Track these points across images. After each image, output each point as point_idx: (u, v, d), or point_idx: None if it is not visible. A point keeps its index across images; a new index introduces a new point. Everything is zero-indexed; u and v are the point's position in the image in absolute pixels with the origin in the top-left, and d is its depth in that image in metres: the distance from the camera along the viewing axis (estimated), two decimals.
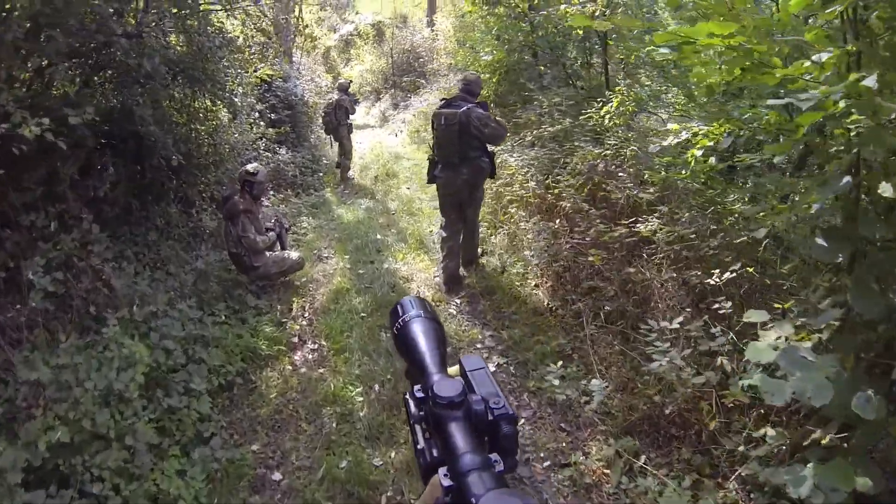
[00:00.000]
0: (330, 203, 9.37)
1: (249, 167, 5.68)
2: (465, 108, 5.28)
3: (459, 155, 5.37)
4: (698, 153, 3.62)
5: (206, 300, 5.09)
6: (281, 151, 9.73)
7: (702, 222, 4.41)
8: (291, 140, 10.84)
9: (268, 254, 5.71)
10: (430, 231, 7.44)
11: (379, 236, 7.52)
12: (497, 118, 5.70)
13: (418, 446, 0.85)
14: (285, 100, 10.97)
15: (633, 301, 4.50)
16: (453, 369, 1.01)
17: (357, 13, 27.29)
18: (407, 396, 0.92)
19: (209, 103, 6.57)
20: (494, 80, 9.52)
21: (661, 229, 4.45)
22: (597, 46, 7.74)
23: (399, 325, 1.04)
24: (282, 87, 11.04)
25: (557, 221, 5.61)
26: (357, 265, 6.70)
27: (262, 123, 9.31)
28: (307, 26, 14.89)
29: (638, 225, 4.61)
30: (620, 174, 5.43)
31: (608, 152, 5.61)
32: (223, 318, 4.95)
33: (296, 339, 5.20)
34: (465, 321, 5.32)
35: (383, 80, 20.93)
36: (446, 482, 0.76)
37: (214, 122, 6.90)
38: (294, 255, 6.14)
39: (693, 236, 4.32)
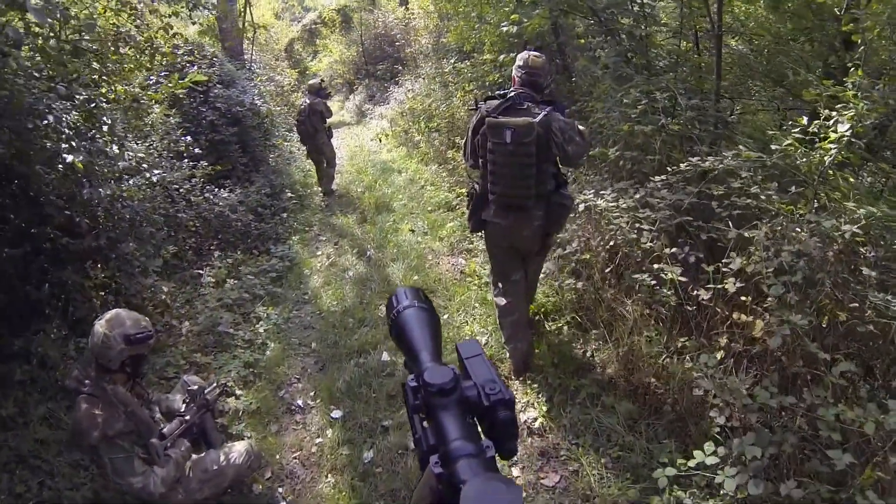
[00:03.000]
0: (300, 265, 6.13)
1: (115, 332, 2.62)
2: (541, 114, 3.26)
3: (535, 190, 3.37)
4: None
5: None
6: (223, 194, 6.42)
7: None
8: (241, 168, 7.58)
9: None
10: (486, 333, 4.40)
11: (386, 354, 4.31)
12: (580, 126, 3.44)
13: (416, 435, 0.80)
14: (228, 113, 7.73)
15: None
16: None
17: None
18: (405, 385, 0.84)
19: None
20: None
21: None
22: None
23: (394, 316, 0.99)
24: (223, 96, 7.77)
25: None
26: (356, 433, 3.61)
27: (186, 157, 6.07)
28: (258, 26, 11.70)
29: None
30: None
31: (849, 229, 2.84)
32: None
33: None
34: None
35: (355, 71, 18.44)
36: (437, 469, 0.73)
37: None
38: (234, 452, 2.99)
39: None
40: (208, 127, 7.33)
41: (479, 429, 0.81)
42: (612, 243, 4.01)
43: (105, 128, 3.92)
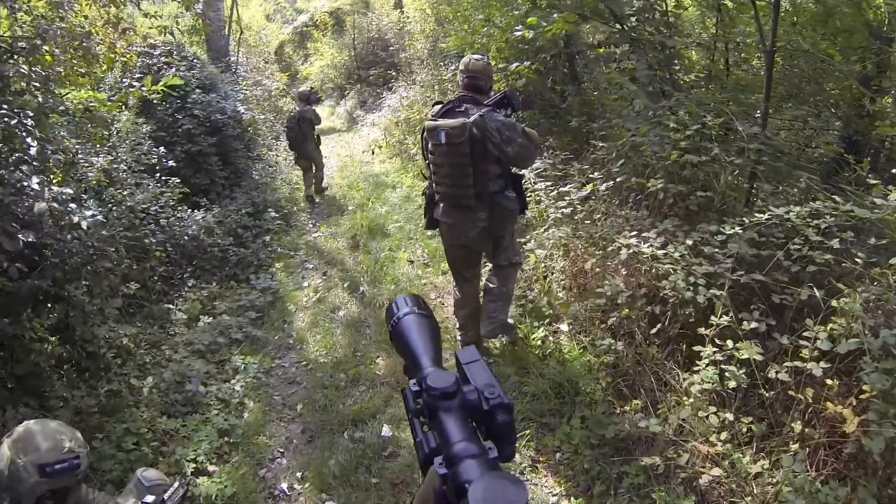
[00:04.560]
0: (284, 300, 5.35)
1: (25, 460, 1.83)
2: (476, 114, 3.28)
3: (474, 190, 3.38)
4: None
5: None
6: (197, 215, 5.63)
7: None
8: (220, 183, 6.79)
9: None
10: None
11: (387, 428, 3.53)
12: (525, 127, 3.38)
13: (417, 438, 0.81)
14: (207, 121, 6.93)
15: None
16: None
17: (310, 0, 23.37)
18: (405, 390, 0.86)
19: None
20: (532, 70, 5.62)
21: None
22: None
23: (394, 323, 0.98)
24: (202, 102, 6.97)
25: None
26: None
27: (158, 171, 5.29)
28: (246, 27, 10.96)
29: None
30: None
31: None
32: None
33: None
34: None
35: (347, 76, 17.57)
36: (441, 470, 0.73)
37: None
38: None
39: None
40: (185, 136, 6.56)
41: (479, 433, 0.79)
42: (658, 298, 3.31)
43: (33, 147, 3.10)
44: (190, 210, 5.66)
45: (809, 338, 2.59)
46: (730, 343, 2.71)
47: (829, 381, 2.52)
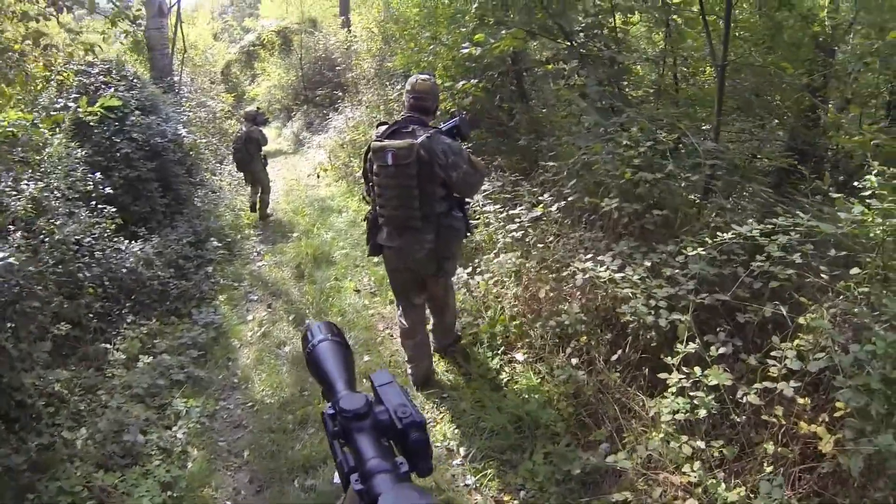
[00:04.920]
0: (228, 335, 5.00)
1: None
2: (423, 136, 3.20)
3: (420, 211, 3.27)
4: None
5: None
6: (135, 246, 5.26)
7: None
8: (161, 211, 6.41)
9: None
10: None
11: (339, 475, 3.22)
12: (472, 156, 3.39)
13: (337, 459, 0.83)
14: (147, 144, 6.56)
15: None
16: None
17: (258, 18, 22.85)
18: (324, 414, 0.89)
19: None
20: (479, 88, 5.47)
21: None
22: None
23: (309, 349, 1.03)
24: (141, 125, 6.61)
25: None
26: None
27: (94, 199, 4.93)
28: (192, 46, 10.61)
29: None
30: None
31: None
32: None
33: None
34: None
35: (294, 96, 17.21)
36: (357, 486, 0.77)
37: None
38: None
39: None
40: (123, 161, 6.16)
41: (395, 450, 0.82)
42: (618, 323, 3.15)
43: None
44: (128, 241, 5.29)
45: (777, 357, 2.49)
46: (697, 370, 2.56)
47: (800, 400, 2.40)
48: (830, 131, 3.36)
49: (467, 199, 3.69)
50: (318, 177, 9.44)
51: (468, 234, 3.65)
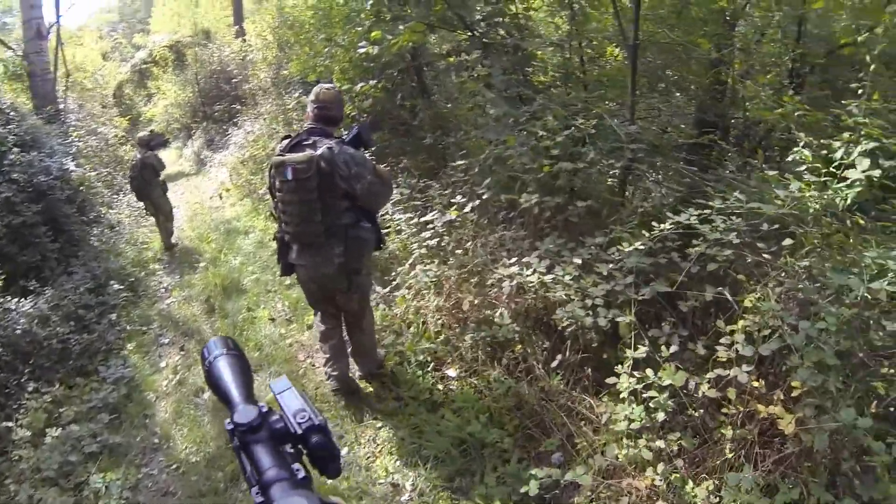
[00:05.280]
0: (141, 389, 4.42)
1: None
2: (323, 147, 3.03)
3: (324, 226, 3.10)
4: None
5: None
6: (25, 306, 4.65)
7: None
8: (53, 258, 5.76)
9: None
10: None
11: None
12: (377, 166, 3.26)
13: (245, 473, 0.83)
14: (30, 185, 5.96)
15: None
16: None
17: (149, 34, 21.54)
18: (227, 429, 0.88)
19: None
20: (379, 89, 5.19)
21: None
22: None
23: (207, 366, 1.01)
24: (22, 163, 6.00)
25: None
26: None
27: None
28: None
29: None
30: None
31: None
32: None
33: None
34: None
35: (192, 114, 16.21)
36: (258, 499, 0.77)
37: None
38: None
39: None
40: (4, 206, 5.52)
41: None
42: (553, 326, 2.93)
43: None
44: (17, 298, 4.69)
45: (726, 343, 2.41)
46: (650, 372, 2.37)
47: (754, 383, 2.34)
48: (747, 103, 3.28)
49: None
50: (221, 198, 8.90)
51: (381, 245, 3.49)
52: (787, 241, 2.50)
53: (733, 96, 4.28)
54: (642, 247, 2.60)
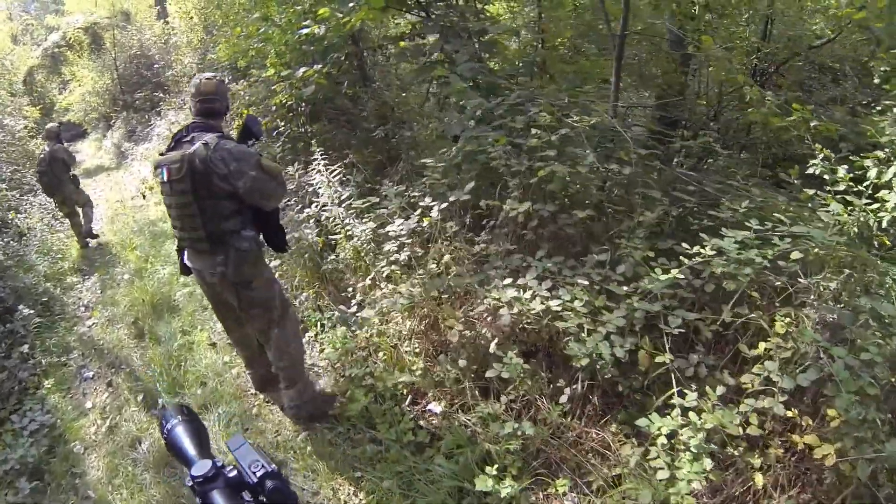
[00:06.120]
0: (66, 440, 3.68)
1: None
2: (198, 143, 2.72)
3: (204, 231, 2.79)
4: None
5: None
6: None
7: None
8: None
9: None
10: None
11: None
12: (263, 159, 2.83)
13: None
14: None
15: None
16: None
17: (63, 15, 19.67)
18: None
19: None
20: (323, 75, 4.71)
21: None
22: None
23: (165, 435, 1.09)
24: None
25: None
26: None
27: None
28: None
29: None
30: None
31: None
32: None
33: None
34: None
35: (112, 102, 15.10)
36: None
37: None
38: None
39: None
40: None
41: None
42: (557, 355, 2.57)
43: None
44: None
45: (756, 373, 2.20)
46: (693, 416, 2.05)
47: (788, 413, 2.15)
48: (752, 108, 3.01)
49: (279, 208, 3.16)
50: (144, 197, 8.12)
51: (280, 249, 3.14)
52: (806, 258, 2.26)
53: (705, 92, 4.10)
54: (681, 276, 2.25)
